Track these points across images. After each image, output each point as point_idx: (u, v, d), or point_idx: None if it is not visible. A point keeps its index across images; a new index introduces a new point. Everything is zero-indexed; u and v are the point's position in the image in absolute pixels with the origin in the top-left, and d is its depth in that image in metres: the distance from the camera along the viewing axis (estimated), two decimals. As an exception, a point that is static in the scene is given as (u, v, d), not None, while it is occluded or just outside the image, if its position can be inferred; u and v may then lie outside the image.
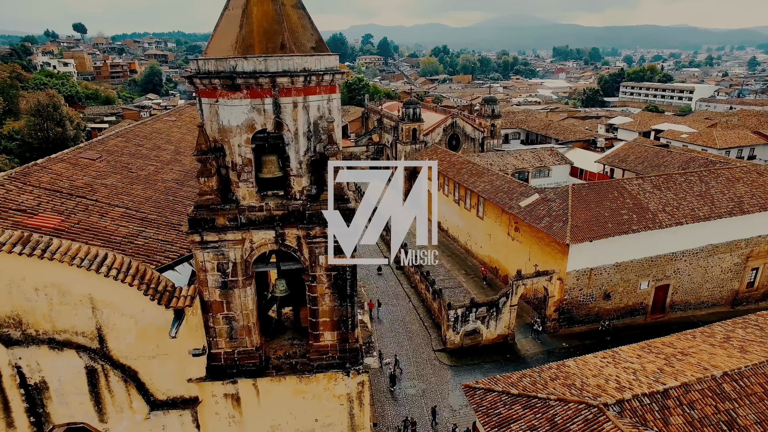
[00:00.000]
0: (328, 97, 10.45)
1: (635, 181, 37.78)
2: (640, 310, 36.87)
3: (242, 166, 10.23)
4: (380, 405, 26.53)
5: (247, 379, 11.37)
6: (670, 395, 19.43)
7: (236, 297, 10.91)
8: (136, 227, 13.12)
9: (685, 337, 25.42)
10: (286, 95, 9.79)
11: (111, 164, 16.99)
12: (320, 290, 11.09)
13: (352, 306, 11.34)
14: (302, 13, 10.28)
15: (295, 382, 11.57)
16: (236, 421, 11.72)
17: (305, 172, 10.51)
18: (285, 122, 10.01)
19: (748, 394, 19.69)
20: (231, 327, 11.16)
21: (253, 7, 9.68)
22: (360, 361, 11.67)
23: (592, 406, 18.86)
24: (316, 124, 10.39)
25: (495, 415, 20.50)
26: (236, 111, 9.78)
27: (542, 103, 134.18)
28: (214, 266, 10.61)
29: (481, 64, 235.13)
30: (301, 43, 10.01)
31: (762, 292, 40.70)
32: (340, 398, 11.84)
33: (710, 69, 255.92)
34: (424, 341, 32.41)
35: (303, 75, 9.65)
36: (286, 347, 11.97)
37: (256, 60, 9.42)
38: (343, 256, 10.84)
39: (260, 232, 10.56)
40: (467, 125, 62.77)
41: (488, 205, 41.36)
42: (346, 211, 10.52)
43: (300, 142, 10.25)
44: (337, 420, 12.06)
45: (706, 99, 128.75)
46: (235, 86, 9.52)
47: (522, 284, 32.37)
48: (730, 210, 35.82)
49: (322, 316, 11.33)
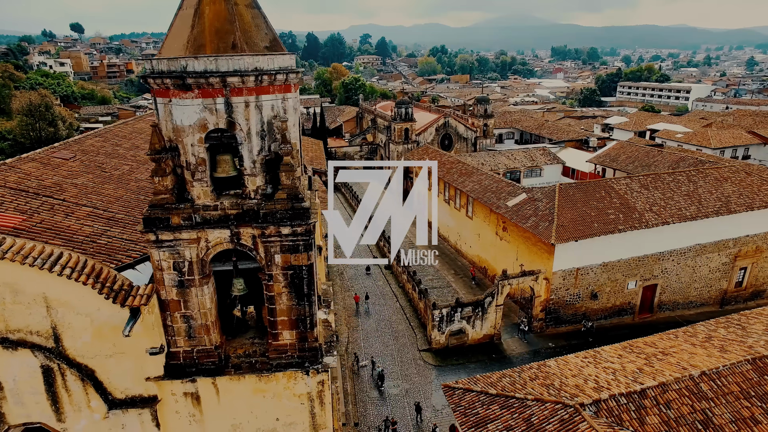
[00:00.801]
0: (282, 97, 10.47)
1: (623, 180, 37.79)
2: (627, 310, 36.87)
3: (196, 166, 10.26)
4: (363, 405, 26.56)
5: (206, 378, 11.40)
6: (647, 395, 19.43)
7: (193, 296, 10.94)
8: (102, 226, 13.15)
9: (667, 337, 25.43)
10: (238, 95, 9.82)
11: (84, 164, 17.03)
12: (277, 289, 11.12)
13: (310, 305, 11.36)
14: (257, 12, 10.31)
15: (255, 380, 11.60)
16: (197, 420, 11.75)
17: (259, 172, 10.55)
18: (237, 122, 10.04)
19: (724, 393, 19.70)
20: (189, 326, 11.19)
21: (206, 7, 9.72)
22: (319, 361, 11.69)
23: (568, 406, 18.87)
24: (270, 124, 10.42)
25: (473, 415, 20.52)
26: (188, 110, 9.81)
27: (539, 103, 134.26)
28: (170, 265, 10.64)
29: (479, 64, 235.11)
30: (254, 43, 10.04)
31: (750, 291, 40.71)
32: (300, 397, 11.86)
33: (708, 69, 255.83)
34: (409, 341, 32.43)
35: (254, 74, 9.69)
36: (246, 346, 12.00)
37: (206, 60, 9.45)
38: (298, 256, 10.87)
39: (215, 231, 10.59)
40: (460, 125, 62.79)
41: (477, 204, 41.39)
42: (301, 210, 10.55)
43: (253, 141, 10.28)
44: (299, 419, 12.09)
45: (703, 99, 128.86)
46: (186, 86, 9.56)
47: (507, 284, 32.39)
48: (717, 209, 35.82)
49: (279, 315, 11.35)
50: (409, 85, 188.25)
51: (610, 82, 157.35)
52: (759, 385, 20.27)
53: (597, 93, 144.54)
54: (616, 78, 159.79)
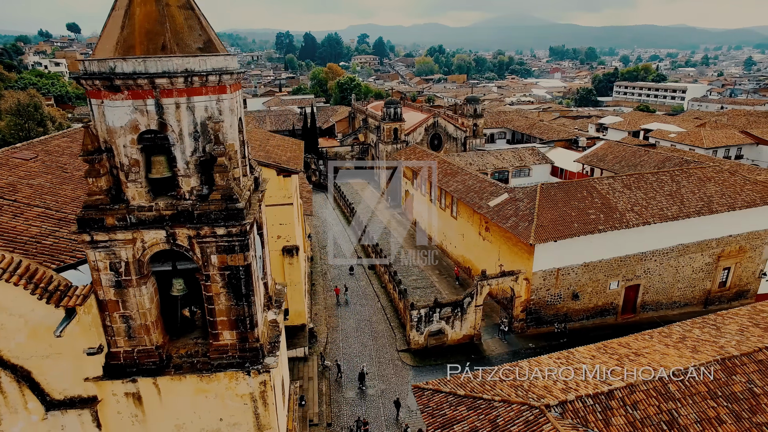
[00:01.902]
0: (217, 98, 10.50)
1: (605, 180, 37.76)
2: (610, 310, 36.85)
3: (129, 167, 10.28)
4: (337, 405, 26.58)
5: (146, 378, 11.43)
6: (614, 396, 19.41)
7: (131, 296, 10.96)
8: (51, 227, 13.18)
9: (642, 338, 25.43)
10: (168, 96, 9.84)
11: (45, 164, 17.06)
12: (215, 289, 11.14)
13: (249, 306, 11.39)
14: (191, 13, 10.32)
15: (197, 381, 11.62)
16: (139, 420, 11.78)
17: (194, 173, 10.57)
18: (169, 123, 10.06)
19: (692, 393, 19.69)
20: (129, 326, 11.22)
21: (136, 8, 9.74)
22: (260, 361, 11.71)
23: (534, 407, 18.85)
24: (205, 125, 10.44)
25: (440, 416, 20.51)
26: (119, 112, 9.84)
27: (536, 103, 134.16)
28: (106, 265, 10.67)
29: (476, 63, 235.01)
30: (185, 44, 10.06)
31: (734, 291, 40.69)
32: (243, 398, 11.88)
33: (706, 69, 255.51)
34: (388, 341, 32.44)
35: (183, 76, 9.71)
36: (189, 346, 12.03)
37: (135, 61, 9.48)
38: (234, 256, 10.89)
39: (151, 231, 10.62)
40: (449, 125, 62.80)
41: (461, 204, 41.40)
42: (235, 211, 10.57)
43: (186, 142, 10.31)
44: (242, 419, 12.11)
45: (698, 99, 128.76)
46: (115, 87, 9.59)
47: (487, 284, 32.39)
48: (699, 210, 35.77)
49: (219, 315, 11.38)
50: (406, 85, 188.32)
51: (607, 81, 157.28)
52: (726, 385, 20.25)
53: (593, 93, 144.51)
54: (612, 78, 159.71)
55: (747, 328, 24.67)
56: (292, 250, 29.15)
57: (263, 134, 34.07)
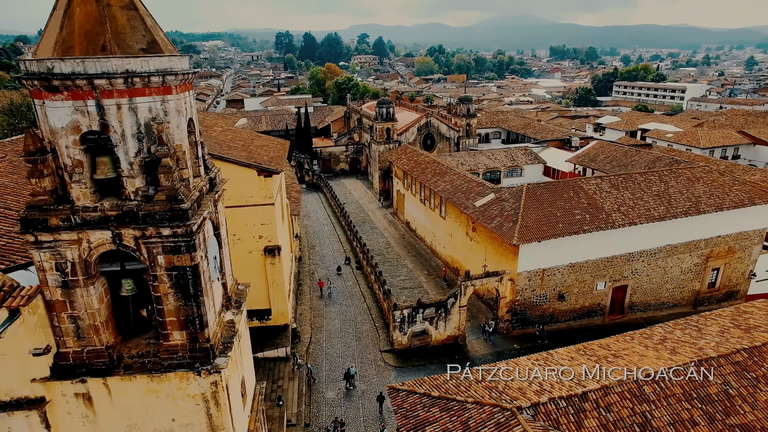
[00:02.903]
0: (162, 99, 10.48)
1: (593, 180, 37.63)
2: (597, 311, 36.71)
3: (73, 167, 10.28)
4: (317, 405, 26.55)
5: (96, 379, 11.41)
6: (588, 398, 19.30)
7: (79, 296, 10.95)
8: (7, 227, 13.19)
9: (623, 339, 25.34)
10: (108, 97, 9.83)
11: (14, 164, 17.09)
12: (163, 290, 11.13)
13: (198, 306, 11.37)
14: (134, 14, 10.30)
15: (147, 381, 11.60)
16: (90, 421, 11.77)
17: (138, 173, 10.55)
18: (111, 124, 10.05)
19: (666, 395, 19.59)
20: (77, 326, 11.21)
21: (76, 8, 9.73)
22: (211, 362, 11.68)
23: (505, 409, 18.77)
24: (149, 126, 10.42)
25: (413, 417, 20.45)
26: (60, 113, 9.83)
27: (534, 103, 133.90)
28: (52, 266, 10.67)
29: (476, 63, 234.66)
30: (126, 45, 10.04)
31: (724, 292, 40.50)
32: (194, 398, 11.86)
33: (707, 68, 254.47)
34: (372, 342, 32.39)
35: (123, 77, 9.69)
36: (141, 346, 12.02)
37: (73, 62, 9.46)
38: (181, 256, 10.87)
39: (96, 232, 10.61)
40: (442, 125, 62.71)
41: (449, 205, 41.31)
42: (179, 212, 10.55)
43: (129, 143, 10.29)
44: (195, 420, 12.09)
45: (698, 98, 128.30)
46: (54, 88, 9.58)
47: (471, 285, 32.31)
48: (686, 210, 35.59)
49: (168, 315, 11.37)
50: (406, 84, 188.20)
51: (606, 81, 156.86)
52: (702, 387, 20.17)
53: (592, 93, 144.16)
54: (612, 78, 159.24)
55: (728, 330, 24.56)
56: (273, 250, 29.14)
57: (248, 134, 34.07)
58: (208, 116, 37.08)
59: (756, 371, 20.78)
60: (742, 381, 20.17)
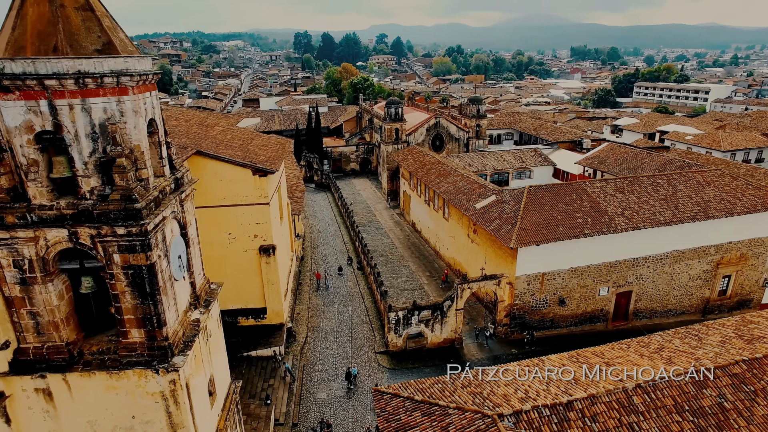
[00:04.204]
0: (117, 99, 10.56)
1: (597, 183, 36.86)
2: (600, 316, 35.93)
3: (28, 166, 10.44)
4: (306, 405, 26.57)
5: (56, 374, 11.58)
6: (573, 407, 18.84)
7: (38, 293, 11.13)
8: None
9: (618, 347, 24.75)
10: (60, 97, 9.95)
11: None
12: (119, 288, 11.23)
13: (155, 305, 11.44)
14: (89, 15, 10.41)
15: (106, 378, 11.72)
16: (51, 416, 11.95)
17: (93, 173, 10.67)
18: (64, 124, 10.17)
19: (656, 406, 19.03)
20: (37, 322, 11.39)
21: (29, 9, 9.88)
22: (168, 360, 11.74)
23: (486, 416, 18.46)
24: (104, 126, 10.52)
25: (394, 420, 20.30)
26: (13, 112, 9.99)
27: (552, 104, 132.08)
28: (9, 263, 10.86)
29: (494, 64, 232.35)
30: (81, 45, 10.15)
31: (736, 300, 39.22)
32: (153, 396, 11.94)
33: (735, 69, 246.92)
34: (367, 343, 32.30)
35: (74, 77, 9.79)
36: (103, 343, 12.16)
37: (23, 62, 9.60)
38: (136, 255, 10.94)
39: (53, 230, 10.76)
40: (452, 125, 62.26)
41: (452, 206, 40.96)
42: (133, 211, 10.62)
43: (83, 143, 10.40)
44: (155, 417, 12.17)
45: (722, 100, 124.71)
46: (5, 88, 9.73)
47: (468, 288, 31.95)
48: (693, 215, 34.58)
49: (126, 313, 11.47)
50: (423, 85, 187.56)
51: (627, 82, 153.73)
52: (695, 399, 19.53)
53: (612, 94, 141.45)
54: (633, 78, 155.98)
55: (730, 340, 23.77)
56: (268, 250, 29.28)
57: (249, 134, 34.33)
58: (211, 116, 37.48)
59: (754, 384, 20.02)
60: (739, 394, 19.47)
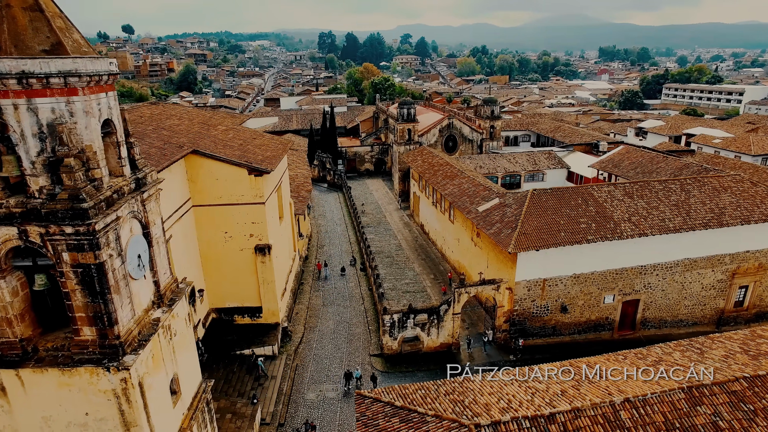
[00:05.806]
0: (66, 100, 10.66)
1: (605, 187, 35.76)
2: (605, 325, 34.86)
3: (-24, 165, 10.63)
4: (295, 406, 26.57)
5: (8, 370, 11.78)
6: (556, 420, 18.23)
7: (-9, 290, 11.34)
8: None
9: (615, 358, 23.98)
10: (4, 97, 10.09)
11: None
12: (70, 286, 11.35)
13: (106, 303, 11.52)
14: (38, 15, 10.52)
15: (58, 374, 11.87)
16: (5, 411, 12.17)
17: (42, 172, 10.79)
18: (9, 123, 10.32)
19: (645, 423, 18.27)
20: (-10, 318, 11.60)
21: (-24, 10, 10.04)
22: (119, 358, 11.81)
23: (463, 426, 18.05)
24: (52, 126, 10.63)
25: (372, 426, 20.03)
26: (-41, 110, 10.18)
27: (576, 105, 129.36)
28: (-39, 259, 11.09)
29: (520, 64, 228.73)
30: (27, 46, 10.27)
31: (754, 312, 37.50)
32: (105, 393, 12.03)
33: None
34: (363, 345, 32.12)
35: (17, 77, 9.92)
36: (58, 340, 12.32)
37: (-36, 62, 9.76)
38: (85, 254, 11.03)
39: (3, 228, 10.95)
40: (465, 126, 61.54)
41: (456, 209, 40.41)
42: (80, 211, 10.70)
43: (30, 143, 10.54)
44: (108, 415, 12.27)
45: (758, 102, 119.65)
46: (-54, 87, 9.91)
47: (465, 292, 31.42)
48: (706, 222, 33.18)
49: (77, 311, 11.59)
50: (447, 85, 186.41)
51: (656, 84, 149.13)
52: (687, 416, 18.67)
53: (639, 95, 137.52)
54: (662, 80, 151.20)
55: (734, 355, 22.70)
56: (264, 249, 29.43)
57: (250, 133, 34.59)
58: (216, 115, 37.93)
59: (755, 403, 18.98)
60: (736, 413, 18.48)
